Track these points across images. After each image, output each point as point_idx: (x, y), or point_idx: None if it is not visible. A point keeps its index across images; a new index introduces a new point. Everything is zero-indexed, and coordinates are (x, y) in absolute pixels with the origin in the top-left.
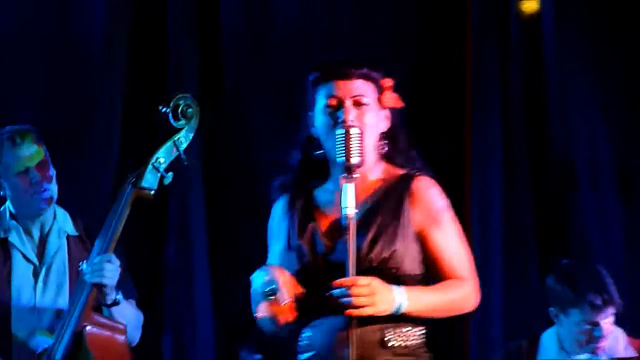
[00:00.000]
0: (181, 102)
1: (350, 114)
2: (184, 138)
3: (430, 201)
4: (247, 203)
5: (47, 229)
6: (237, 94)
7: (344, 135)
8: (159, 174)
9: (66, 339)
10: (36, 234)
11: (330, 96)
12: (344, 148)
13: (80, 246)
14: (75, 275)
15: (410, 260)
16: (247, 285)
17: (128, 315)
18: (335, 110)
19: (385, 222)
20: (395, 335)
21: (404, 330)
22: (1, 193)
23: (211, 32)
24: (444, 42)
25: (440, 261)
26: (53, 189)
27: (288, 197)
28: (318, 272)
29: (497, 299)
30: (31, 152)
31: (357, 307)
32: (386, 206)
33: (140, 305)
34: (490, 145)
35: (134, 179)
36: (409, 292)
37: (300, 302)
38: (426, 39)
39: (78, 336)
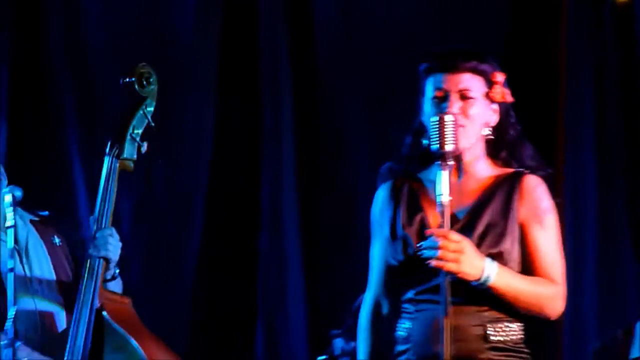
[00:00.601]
0: (144, 70)
1: (455, 107)
2: (150, 106)
3: (537, 199)
4: (338, 192)
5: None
6: (329, 83)
7: (438, 122)
8: (136, 144)
9: (85, 319)
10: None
11: (438, 88)
12: (438, 135)
13: (44, 226)
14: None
15: (512, 260)
16: (340, 272)
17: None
18: (440, 102)
19: (494, 219)
20: (496, 330)
21: (504, 325)
22: None
23: (303, 22)
24: (538, 37)
25: (535, 259)
26: None
27: (391, 184)
28: (423, 263)
29: (591, 288)
30: None
31: (442, 260)
32: (495, 203)
33: None
34: (584, 140)
35: (116, 151)
36: (500, 268)
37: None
38: (520, 33)
39: (98, 313)
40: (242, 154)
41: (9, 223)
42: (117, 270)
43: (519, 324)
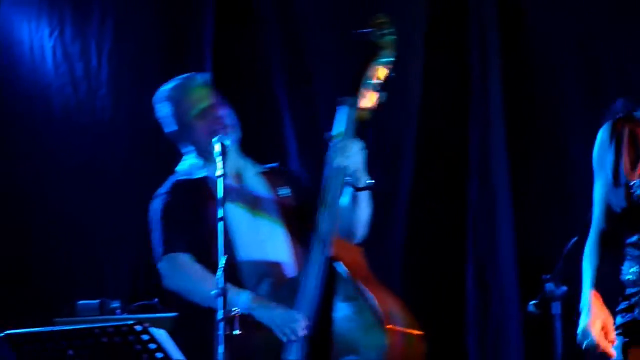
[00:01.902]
0: (382, 21)
1: None
2: (390, 56)
3: None
4: (546, 140)
5: (240, 170)
6: (537, 35)
7: None
8: (374, 93)
9: (317, 268)
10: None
11: None
12: None
13: (274, 177)
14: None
15: None
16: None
17: (367, 205)
18: None
19: None
20: None
21: None
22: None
23: None
24: None
25: None
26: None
27: (611, 125)
28: None
29: None
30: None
31: None
32: None
33: None
34: None
35: (353, 101)
36: None
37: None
38: None
39: (331, 262)
40: (450, 106)
41: (219, 172)
42: (371, 181)
43: None
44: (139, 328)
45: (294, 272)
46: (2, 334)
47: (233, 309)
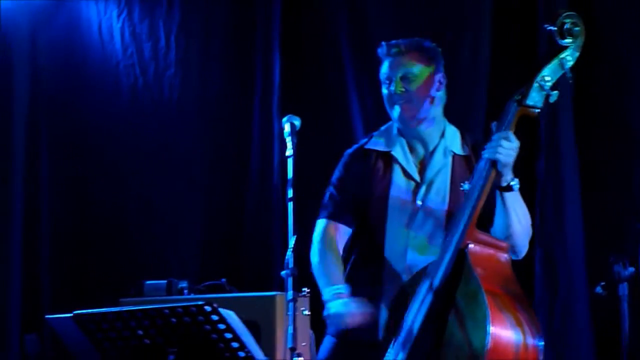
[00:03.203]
0: (567, 20)
1: None
2: (570, 56)
3: None
4: (614, 121)
5: (431, 147)
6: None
7: None
8: (544, 92)
9: (449, 256)
10: (420, 151)
11: None
12: None
13: (465, 166)
14: (455, 196)
15: None
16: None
17: (518, 210)
18: None
19: None
20: None
21: None
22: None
23: None
24: None
25: None
26: (423, 108)
27: None
28: None
29: None
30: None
31: None
32: None
33: None
34: None
35: (519, 97)
36: None
37: None
38: None
39: (461, 253)
40: (517, 85)
41: (288, 152)
42: (515, 183)
43: None
44: (208, 308)
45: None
46: (71, 314)
47: (304, 290)
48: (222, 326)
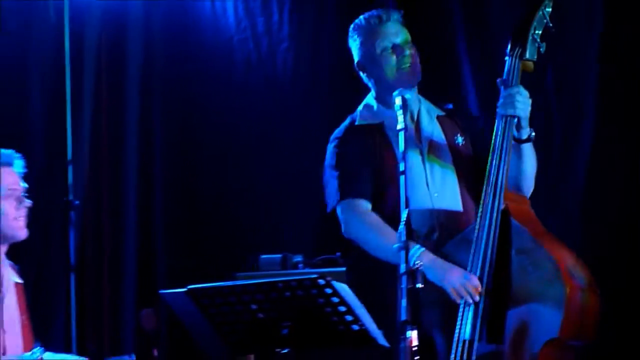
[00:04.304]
0: None
1: None
2: (548, 6)
3: None
4: None
5: (416, 111)
6: None
7: None
8: (536, 44)
9: (491, 216)
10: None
11: None
12: None
13: (450, 122)
14: (454, 151)
15: None
16: None
17: (533, 157)
18: None
19: None
20: None
21: None
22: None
23: None
24: None
25: None
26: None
27: None
28: None
29: None
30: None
31: None
32: None
33: None
34: None
35: (519, 52)
36: None
37: None
38: None
39: (503, 215)
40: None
41: (399, 126)
42: (532, 133)
43: None
44: (321, 282)
45: (466, 223)
46: (185, 289)
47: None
48: (335, 299)
